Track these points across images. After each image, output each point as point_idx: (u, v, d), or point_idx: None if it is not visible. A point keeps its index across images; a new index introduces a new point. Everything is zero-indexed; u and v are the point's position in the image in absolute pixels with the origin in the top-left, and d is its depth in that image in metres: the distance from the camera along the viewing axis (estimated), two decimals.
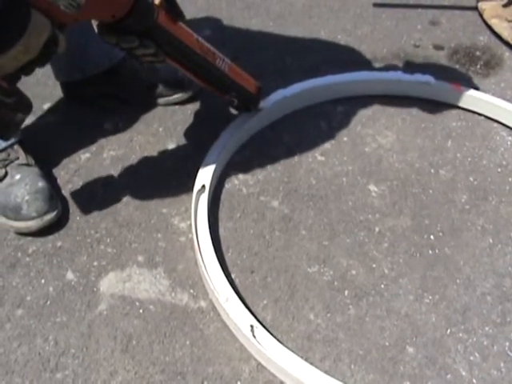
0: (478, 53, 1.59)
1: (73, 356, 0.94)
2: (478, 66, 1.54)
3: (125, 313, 1.00)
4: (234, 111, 1.31)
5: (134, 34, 0.94)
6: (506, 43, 1.61)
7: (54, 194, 1.13)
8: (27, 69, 0.84)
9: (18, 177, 1.11)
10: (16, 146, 1.16)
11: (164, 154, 1.28)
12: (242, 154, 1.28)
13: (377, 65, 1.54)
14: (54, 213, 1.10)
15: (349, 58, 1.57)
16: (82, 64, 1.31)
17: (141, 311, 1.00)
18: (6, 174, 1.12)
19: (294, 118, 1.38)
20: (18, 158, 1.14)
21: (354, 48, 1.61)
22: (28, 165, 1.15)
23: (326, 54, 1.58)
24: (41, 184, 1.11)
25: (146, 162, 1.26)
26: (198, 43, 1.06)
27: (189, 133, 1.33)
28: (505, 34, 1.62)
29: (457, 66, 1.55)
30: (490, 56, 1.58)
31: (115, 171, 1.24)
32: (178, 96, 1.38)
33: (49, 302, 1.01)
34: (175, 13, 1.00)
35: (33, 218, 1.08)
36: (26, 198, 1.08)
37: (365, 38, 1.65)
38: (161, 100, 1.38)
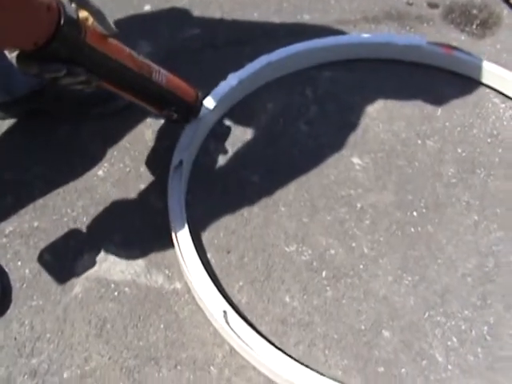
0: (474, 11, 1.51)
1: (48, 341, 0.94)
2: (474, 26, 1.47)
3: (99, 296, 0.99)
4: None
5: (60, 60, 0.80)
6: (506, 0, 1.52)
7: None
8: None
9: None
10: None
11: (142, 127, 1.24)
12: (223, 125, 1.24)
13: (367, 25, 1.47)
14: None
15: (338, 18, 1.49)
16: (9, 86, 1.17)
17: (116, 294, 0.99)
18: None
19: (278, 84, 1.32)
20: None
21: (345, 7, 1.53)
22: None
23: (316, 13, 1.51)
24: None
25: (123, 135, 1.22)
26: (132, 58, 0.94)
27: None
28: None
29: (451, 26, 1.47)
30: (487, 14, 1.50)
31: (93, 144, 1.21)
32: (111, 106, 1.25)
33: (25, 285, 1.00)
34: (105, 28, 0.86)
35: None
36: None
37: None
38: (94, 111, 1.25)
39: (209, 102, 1.20)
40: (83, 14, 0.84)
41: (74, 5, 0.81)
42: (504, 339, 0.93)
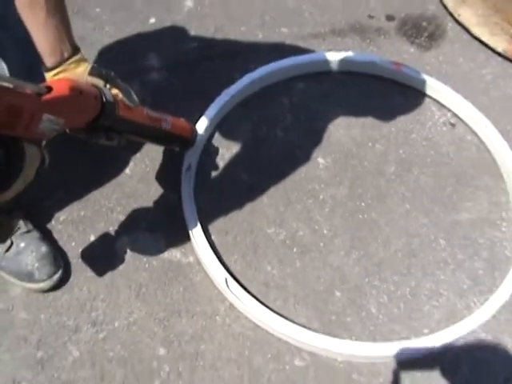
0: (424, 23, 1.84)
1: (101, 300, 1.33)
2: (423, 38, 1.80)
3: (135, 267, 1.37)
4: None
5: (101, 130, 1.06)
6: (450, 14, 1.84)
7: (56, 254, 1.35)
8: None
9: (22, 245, 1.31)
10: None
11: None
12: (219, 130, 1.60)
13: (334, 38, 1.80)
14: (60, 271, 1.32)
15: (311, 31, 1.82)
16: None
17: (147, 266, 1.38)
18: (12, 243, 1.32)
19: (262, 94, 1.67)
20: (19, 228, 1.33)
21: (317, 19, 1.85)
22: (28, 231, 1.34)
23: (293, 26, 1.83)
24: (44, 249, 1.32)
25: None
26: (148, 117, 1.19)
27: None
28: (450, 5, 1.84)
29: (404, 39, 1.80)
30: (435, 27, 1.82)
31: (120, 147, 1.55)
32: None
33: (80, 261, 1.38)
34: (130, 101, 1.11)
35: (44, 281, 1.30)
36: (36, 265, 1.29)
37: (326, 8, 1.88)
38: None
39: (204, 122, 1.54)
40: (114, 91, 1.08)
41: (108, 85, 1.07)
42: (420, 298, 1.33)
